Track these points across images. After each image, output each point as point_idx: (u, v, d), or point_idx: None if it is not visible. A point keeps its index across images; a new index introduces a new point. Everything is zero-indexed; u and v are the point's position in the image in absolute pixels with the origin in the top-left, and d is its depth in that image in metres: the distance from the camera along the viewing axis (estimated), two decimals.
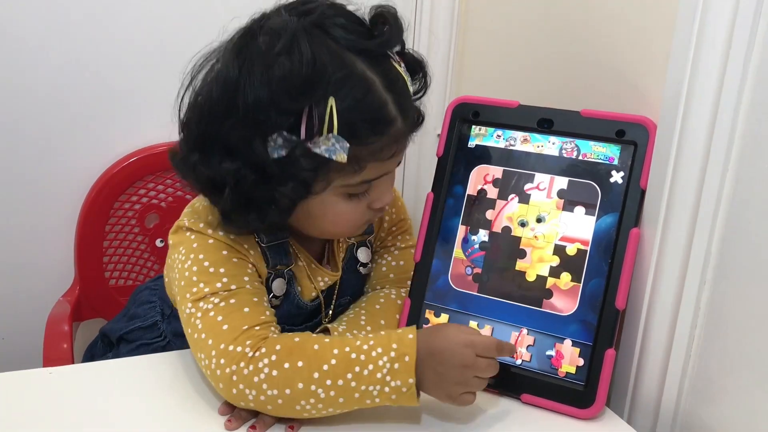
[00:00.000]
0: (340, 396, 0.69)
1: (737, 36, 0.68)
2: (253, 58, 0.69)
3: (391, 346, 0.70)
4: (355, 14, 0.74)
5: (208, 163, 0.71)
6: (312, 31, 0.70)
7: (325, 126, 0.68)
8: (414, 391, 0.69)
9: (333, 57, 0.69)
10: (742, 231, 0.70)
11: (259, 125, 0.68)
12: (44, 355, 1.05)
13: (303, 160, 0.69)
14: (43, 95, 1.15)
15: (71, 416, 0.72)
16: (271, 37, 0.69)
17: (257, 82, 0.68)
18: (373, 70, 0.71)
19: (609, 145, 0.81)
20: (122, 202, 1.21)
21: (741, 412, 0.71)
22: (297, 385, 0.68)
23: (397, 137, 0.73)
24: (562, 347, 0.79)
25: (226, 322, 0.72)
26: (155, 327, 0.90)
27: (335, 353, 0.70)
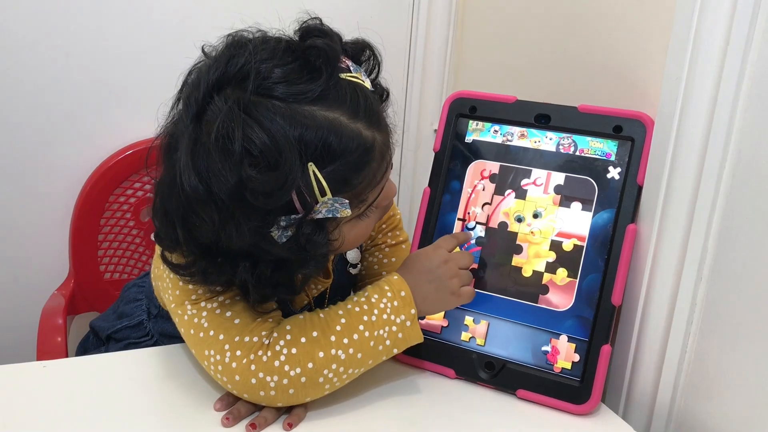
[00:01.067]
0: (358, 351, 0.71)
1: (735, 32, 0.67)
2: (215, 168, 0.62)
3: (384, 289, 0.75)
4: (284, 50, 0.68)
5: (220, 271, 0.68)
6: (258, 105, 0.63)
7: (316, 192, 0.65)
8: (416, 322, 0.74)
9: (290, 123, 0.63)
10: (739, 227, 0.70)
11: (255, 228, 0.64)
12: (38, 349, 1.04)
13: (315, 236, 0.67)
14: (38, 89, 1.15)
15: (65, 409, 0.71)
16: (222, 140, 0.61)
17: (232, 194, 0.62)
18: (332, 109, 0.66)
19: (606, 140, 0.81)
20: (117, 195, 1.21)
21: (736, 407, 0.71)
22: (318, 355, 0.70)
23: (383, 153, 0.70)
24: (557, 343, 0.79)
25: (237, 317, 0.72)
26: (141, 326, 0.90)
27: (341, 313, 0.73)
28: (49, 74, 1.15)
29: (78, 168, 1.20)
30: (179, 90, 0.70)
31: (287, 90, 0.65)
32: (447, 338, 0.84)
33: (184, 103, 0.68)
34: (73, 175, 1.20)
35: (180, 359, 0.81)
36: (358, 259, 0.92)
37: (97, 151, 1.20)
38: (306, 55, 0.68)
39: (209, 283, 0.71)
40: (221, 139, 0.62)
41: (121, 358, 0.83)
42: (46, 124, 1.17)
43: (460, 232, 0.84)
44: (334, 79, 0.68)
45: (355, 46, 0.74)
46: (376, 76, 0.76)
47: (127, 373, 0.79)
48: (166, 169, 0.67)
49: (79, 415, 0.71)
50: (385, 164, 0.72)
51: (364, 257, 0.93)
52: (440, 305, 0.78)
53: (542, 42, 1.02)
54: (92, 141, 1.20)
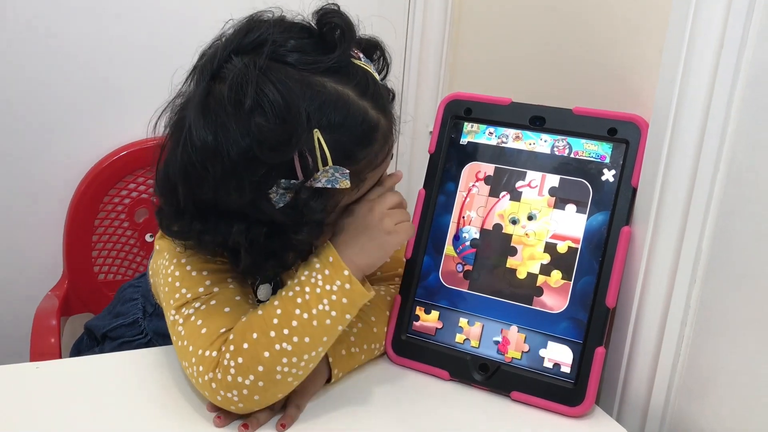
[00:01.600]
0: (303, 335, 0.69)
1: (729, 35, 0.68)
2: (225, 120, 0.64)
3: (313, 262, 0.72)
4: (300, 28, 0.71)
5: (214, 231, 0.69)
6: (272, 68, 0.65)
7: (318, 159, 0.66)
8: (355, 282, 0.71)
9: (302, 88, 0.65)
10: (733, 230, 0.70)
11: (255, 185, 0.66)
12: (31, 350, 1.04)
13: (312, 202, 0.67)
14: (33, 89, 1.15)
15: (58, 411, 0.71)
16: (234, 92, 0.64)
17: (239, 147, 0.64)
18: (342, 83, 0.68)
19: (601, 143, 0.81)
20: (112, 196, 1.21)
21: (730, 409, 0.71)
22: (263, 355, 0.68)
23: (386, 137, 0.72)
24: (552, 345, 0.79)
25: (205, 325, 0.72)
26: (136, 324, 0.90)
27: (276, 304, 0.71)
28: (45, 74, 1.15)
29: (72, 168, 1.20)
30: (193, 66, 0.71)
31: (301, 58, 0.67)
32: (441, 340, 0.84)
33: (198, 71, 0.69)
34: (68, 176, 1.20)
35: (173, 360, 0.81)
36: None
37: (92, 151, 1.20)
38: (322, 30, 0.70)
39: (203, 246, 0.71)
40: (234, 91, 0.64)
41: (114, 359, 0.83)
42: (41, 125, 1.17)
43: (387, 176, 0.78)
44: (346, 57, 0.70)
45: (369, 42, 0.76)
46: (384, 77, 0.78)
47: (121, 374, 0.79)
48: (174, 134, 0.69)
49: (72, 417, 0.71)
50: (387, 149, 0.73)
51: None
52: (380, 251, 0.74)
53: (537, 44, 1.02)
54: (87, 141, 1.20)
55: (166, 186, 0.69)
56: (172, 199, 0.69)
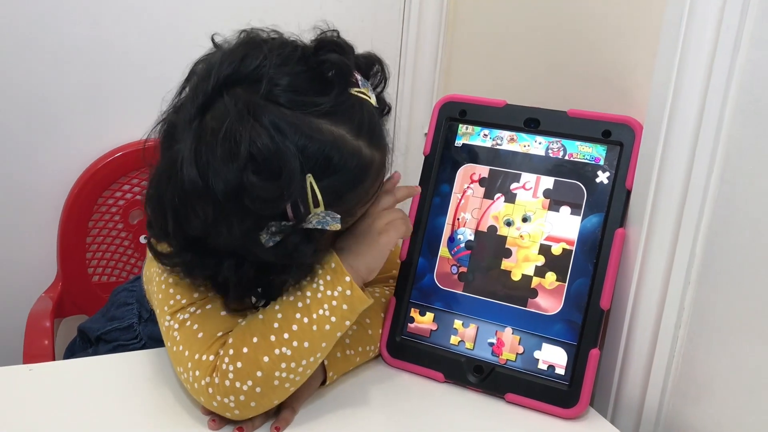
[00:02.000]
0: (303, 341, 0.69)
1: (723, 38, 0.68)
2: (216, 165, 0.62)
3: (314, 267, 0.72)
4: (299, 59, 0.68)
5: (204, 265, 0.68)
6: (266, 110, 0.63)
7: (310, 203, 0.65)
8: (356, 288, 0.71)
9: (297, 133, 0.63)
10: (727, 232, 0.70)
11: (249, 230, 0.65)
12: (25, 352, 1.03)
13: (302, 246, 0.67)
14: (27, 91, 1.14)
15: (51, 413, 0.71)
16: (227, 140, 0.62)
17: (230, 193, 0.62)
18: (338, 123, 0.66)
19: (595, 145, 0.82)
20: (106, 198, 1.20)
21: (724, 411, 0.71)
22: (263, 360, 0.68)
23: (378, 172, 0.71)
24: (546, 347, 0.79)
25: (201, 329, 0.71)
26: (131, 329, 0.90)
27: (277, 309, 0.70)
28: (39, 76, 1.14)
29: (67, 170, 1.19)
30: (186, 78, 0.70)
31: (296, 99, 0.65)
32: (436, 342, 0.84)
33: (191, 91, 0.68)
34: (62, 177, 1.19)
35: (167, 362, 0.80)
36: None
37: (87, 153, 1.20)
38: (319, 67, 0.68)
39: (191, 276, 0.70)
40: (228, 141, 0.62)
41: (108, 361, 0.83)
42: (35, 126, 1.16)
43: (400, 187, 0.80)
44: (344, 95, 0.68)
45: (367, 60, 0.75)
46: (381, 90, 0.77)
47: (115, 377, 0.79)
48: (164, 158, 0.67)
49: (65, 419, 0.70)
50: (379, 183, 0.72)
51: None
52: (376, 252, 0.74)
53: (532, 47, 1.02)
54: (81, 143, 1.19)
55: (157, 209, 0.67)
56: (161, 222, 0.68)
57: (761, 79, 0.66)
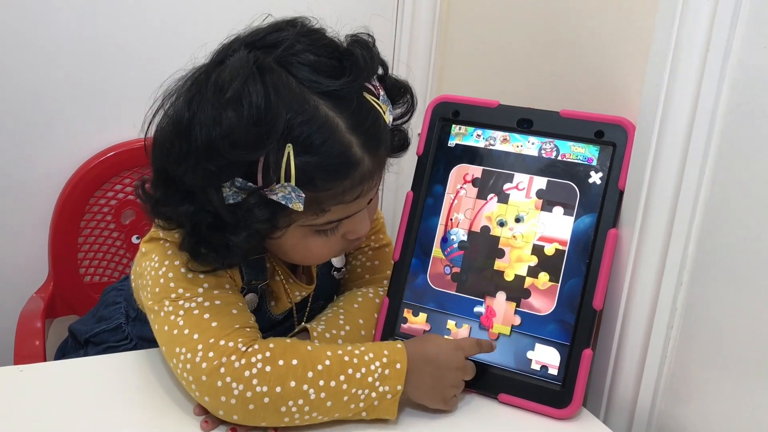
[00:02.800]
0: (329, 399, 0.69)
1: (715, 38, 0.68)
2: (204, 103, 0.65)
3: (382, 352, 0.72)
4: (326, 45, 0.70)
5: (168, 202, 0.70)
6: (272, 70, 0.66)
7: (281, 173, 0.65)
8: (397, 399, 0.71)
9: (292, 99, 0.65)
10: (719, 232, 0.70)
11: (213, 173, 0.65)
12: (15, 353, 1.03)
13: (257, 210, 0.67)
14: (18, 90, 1.13)
15: (42, 415, 0.70)
16: (222, 82, 0.65)
17: (206, 132, 0.64)
18: (338, 110, 0.67)
19: (588, 145, 0.82)
20: (98, 197, 1.20)
21: (716, 412, 0.72)
22: (289, 383, 0.68)
23: (363, 178, 0.70)
24: (539, 347, 0.79)
25: (215, 319, 0.71)
26: (120, 329, 0.89)
27: (329, 355, 0.70)
28: (31, 75, 1.14)
29: (58, 170, 1.19)
30: None
31: (307, 75, 0.67)
32: None
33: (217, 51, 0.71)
34: (54, 177, 1.19)
35: (159, 363, 0.80)
36: (343, 263, 0.91)
37: (79, 152, 1.19)
38: (341, 55, 0.70)
39: (156, 213, 0.72)
40: (221, 80, 0.65)
41: (99, 363, 0.82)
42: (26, 125, 1.16)
43: (486, 342, 0.79)
44: (353, 87, 0.69)
45: (398, 83, 0.76)
46: (404, 122, 0.78)
47: (106, 378, 0.78)
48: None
49: (56, 421, 0.70)
50: (361, 189, 0.71)
51: (347, 261, 0.93)
52: (427, 400, 0.74)
53: (525, 47, 1.02)
54: (74, 142, 1.19)
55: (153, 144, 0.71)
56: (151, 163, 0.71)
57: (753, 80, 0.66)
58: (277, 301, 0.84)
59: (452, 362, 0.74)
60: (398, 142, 0.79)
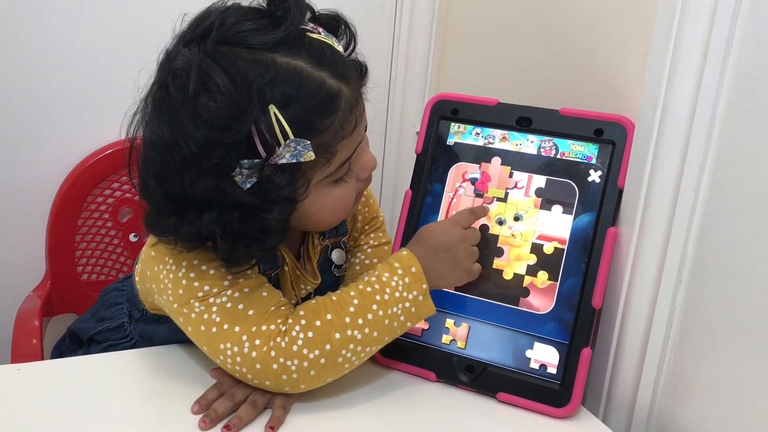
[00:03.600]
0: (374, 330, 0.73)
1: (715, 37, 0.68)
2: (176, 111, 0.65)
3: (394, 266, 0.75)
4: (252, 8, 0.71)
5: (188, 222, 0.69)
6: (218, 52, 0.66)
7: (278, 134, 0.66)
8: (428, 296, 0.76)
9: (250, 66, 0.66)
10: (718, 231, 0.70)
11: (216, 168, 0.65)
12: (12, 351, 1.02)
13: (276, 178, 0.67)
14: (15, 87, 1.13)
15: (39, 414, 0.70)
16: (182, 81, 0.65)
17: (192, 133, 0.64)
18: (294, 56, 0.68)
19: (587, 144, 0.82)
20: (95, 195, 1.19)
21: (715, 410, 0.72)
22: (334, 336, 0.71)
23: (351, 106, 0.71)
24: (538, 346, 0.79)
25: (251, 307, 0.72)
26: (122, 328, 0.89)
27: (353, 294, 0.74)
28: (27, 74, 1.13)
29: (55, 167, 1.18)
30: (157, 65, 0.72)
31: (250, 38, 0.68)
32: (428, 341, 0.83)
33: (158, 69, 0.71)
34: (51, 175, 1.18)
35: (157, 362, 0.80)
36: (343, 260, 0.91)
37: (75, 150, 1.19)
38: (270, 8, 0.70)
39: (182, 238, 0.71)
40: (180, 79, 0.65)
41: (97, 361, 0.82)
42: (23, 124, 1.15)
43: (479, 207, 0.84)
44: (296, 29, 0.70)
45: (329, 17, 0.76)
46: (351, 51, 0.77)
47: (104, 377, 0.78)
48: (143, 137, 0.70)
49: (54, 419, 0.70)
50: (354, 117, 0.72)
51: (346, 258, 0.93)
52: (454, 281, 0.80)
53: (524, 45, 1.02)
54: (70, 140, 1.18)
55: (142, 186, 0.71)
56: (150, 198, 0.71)
57: (753, 78, 0.66)
58: (285, 293, 0.83)
59: (455, 238, 0.78)
60: (358, 70, 0.78)
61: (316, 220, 0.78)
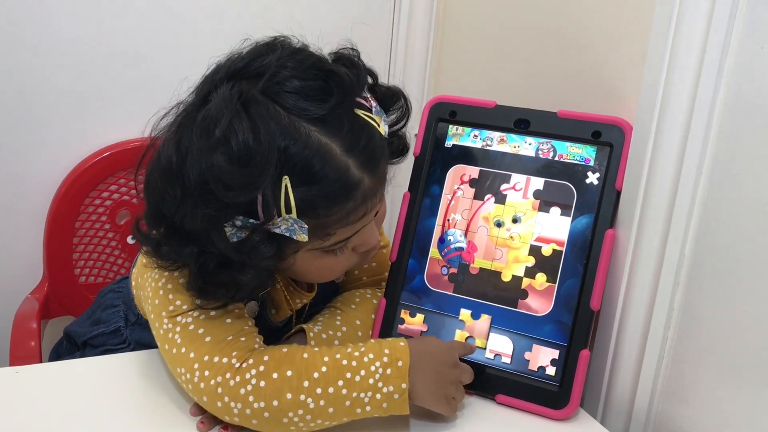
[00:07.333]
0: (330, 405, 0.67)
1: (712, 38, 0.68)
2: (192, 147, 0.63)
3: (383, 351, 0.70)
4: (310, 66, 0.68)
5: (169, 244, 0.68)
6: (258, 102, 0.64)
7: (282, 206, 0.64)
8: (406, 397, 0.69)
9: (282, 131, 0.64)
10: (716, 233, 0.70)
11: (212, 216, 0.64)
12: (11, 354, 1.02)
13: (262, 246, 0.66)
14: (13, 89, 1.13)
15: (38, 416, 0.70)
16: (208, 122, 0.63)
17: (198, 176, 0.63)
18: (330, 135, 0.66)
19: (585, 146, 0.82)
20: (93, 198, 1.19)
21: (713, 412, 0.72)
22: (286, 396, 0.67)
23: (365, 197, 0.69)
24: (536, 348, 0.79)
25: (209, 333, 0.70)
26: (118, 333, 0.88)
27: (325, 360, 0.69)
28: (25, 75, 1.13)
29: (53, 170, 1.18)
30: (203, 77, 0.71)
31: (295, 103, 0.65)
32: None
33: (197, 88, 0.69)
34: (48, 177, 1.18)
35: (155, 365, 0.80)
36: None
37: (74, 152, 1.19)
38: (327, 77, 0.67)
39: (159, 254, 0.70)
40: (207, 120, 0.63)
41: (95, 364, 0.82)
42: (20, 126, 1.15)
43: (468, 345, 0.80)
44: (343, 107, 0.67)
45: (389, 91, 0.75)
46: (401, 128, 0.77)
47: (102, 379, 0.78)
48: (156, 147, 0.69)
49: (52, 422, 0.70)
50: (365, 208, 0.70)
51: None
52: (431, 400, 0.72)
53: (522, 48, 1.02)
54: (69, 142, 1.18)
55: (144, 186, 0.69)
56: (146, 204, 0.69)
57: (750, 80, 0.66)
58: (278, 309, 0.83)
59: (450, 359, 0.74)
60: (397, 148, 0.78)
61: (301, 276, 0.78)
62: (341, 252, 0.73)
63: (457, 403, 0.74)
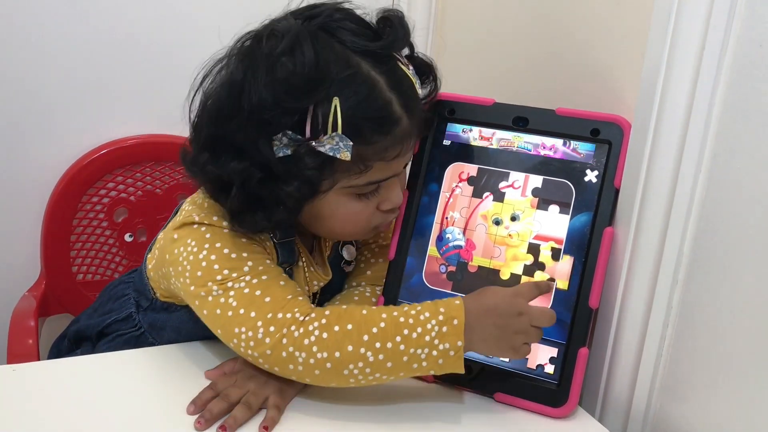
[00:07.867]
0: (388, 360, 0.70)
1: (711, 37, 0.68)
2: (257, 60, 0.71)
3: (438, 310, 0.72)
4: (361, 18, 0.77)
5: (217, 163, 0.73)
6: (317, 33, 0.72)
7: (329, 125, 0.70)
8: (461, 355, 0.71)
9: (337, 58, 0.71)
10: (714, 231, 0.70)
11: (264, 125, 0.70)
12: (8, 352, 1.02)
13: (307, 158, 0.71)
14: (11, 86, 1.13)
15: (35, 414, 0.70)
16: (275, 39, 0.71)
17: (261, 84, 0.69)
18: (377, 70, 0.73)
19: (584, 143, 0.82)
20: (90, 195, 1.19)
21: (711, 410, 0.72)
22: (347, 348, 0.69)
23: (403, 137, 0.75)
24: (535, 345, 0.79)
25: (267, 294, 0.73)
26: (130, 318, 0.89)
27: (383, 317, 0.71)
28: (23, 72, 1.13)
29: (51, 167, 1.18)
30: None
31: (348, 37, 0.74)
32: None
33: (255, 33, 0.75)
34: (46, 174, 1.18)
35: (152, 362, 0.80)
36: (353, 257, 0.92)
37: (72, 149, 1.19)
38: (378, 25, 0.77)
39: (204, 175, 0.75)
40: (275, 38, 0.71)
41: (93, 361, 0.82)
42: (19, 122, 1.15)
43: (543, 282, 0.78)
44: (391, 48, 0.76)
45: (423, 62, 0.82)
46: (431, 99, 0.83)
47: (100, 377, 0.78)
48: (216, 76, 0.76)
49: (50, 420, 0.69)
50: (401, 147, 0.75)
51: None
52: (496, 352, 0.74)
53: (521, 45, 1.02)
54: (66, 139, 1.18)
55: (194, 126, 0.76)
56: (195, 136, 0.76)
57: (749, 78, 0.66)
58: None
59: (513, 309, 0.72)
60: (425, 119, 0.82)
61: (325, 224, 0.79)
62: (369, 199, 0.78)
63: (527, 346, 0.74)
